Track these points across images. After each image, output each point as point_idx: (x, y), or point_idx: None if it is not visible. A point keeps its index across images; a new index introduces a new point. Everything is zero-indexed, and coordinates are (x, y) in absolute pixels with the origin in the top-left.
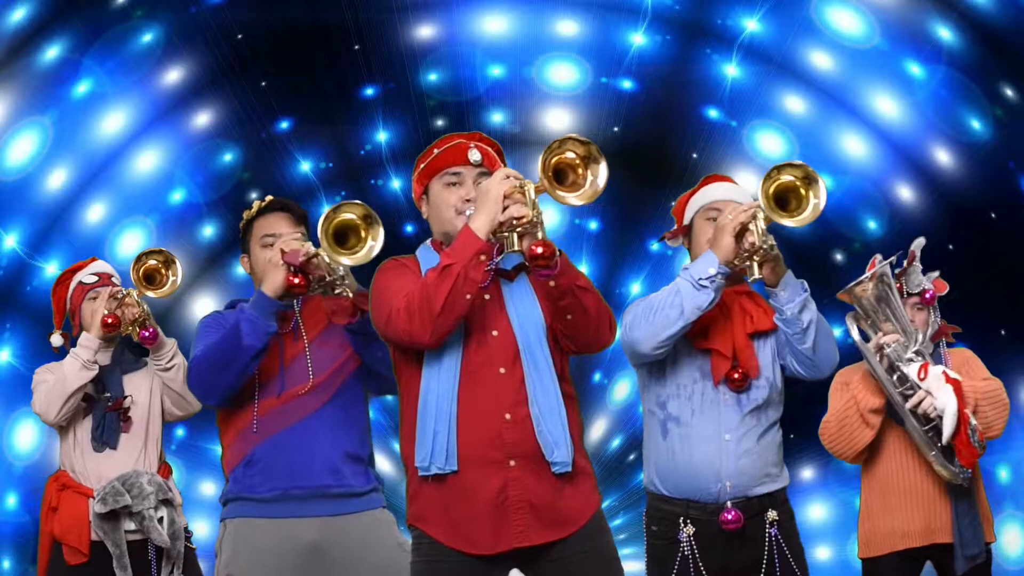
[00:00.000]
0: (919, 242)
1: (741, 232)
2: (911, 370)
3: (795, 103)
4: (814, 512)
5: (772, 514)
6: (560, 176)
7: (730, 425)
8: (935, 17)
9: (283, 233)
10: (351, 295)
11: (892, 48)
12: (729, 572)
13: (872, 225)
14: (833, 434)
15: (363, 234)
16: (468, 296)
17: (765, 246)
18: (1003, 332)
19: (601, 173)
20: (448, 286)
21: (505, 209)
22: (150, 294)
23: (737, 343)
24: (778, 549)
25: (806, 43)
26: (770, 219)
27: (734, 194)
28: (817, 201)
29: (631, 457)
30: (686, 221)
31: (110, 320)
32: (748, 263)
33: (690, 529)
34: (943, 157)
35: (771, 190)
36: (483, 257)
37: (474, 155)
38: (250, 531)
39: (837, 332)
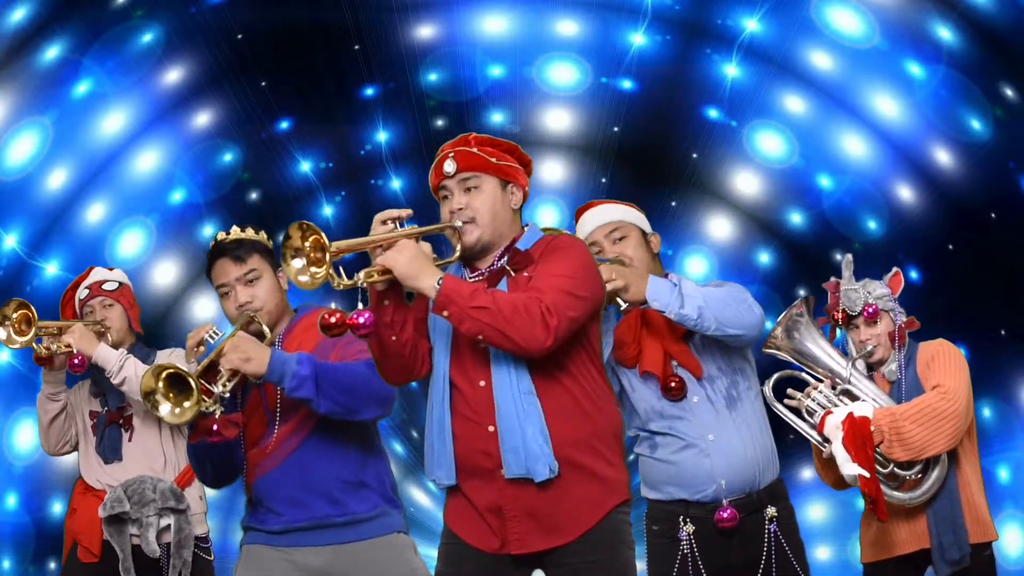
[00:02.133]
0: (847, 260)
1: None
2: (817, 416)
3: (795, 103)
4: (814, 512)
5: (771, 511)
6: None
7: (709, 426)
8: (935, 17)
9: (229, 279)
10: (216, 415)
11: (892, 48)
12: (729, 570)
13: (872, 225)
14: (817, 470)
15: (189, 387)
16: (392, 338)
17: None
18: (1003, 332)
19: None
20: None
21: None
22: (25, 338)
23: (672, 350)
24: (777, 546)
25: (806, 43)
26: None
27: (598, 216)
28: None
29: (631, 457)
30: None
31: (43, 356)
32: (614, 301)
33: (690, 528)
34: (943, 157)
35: None
36: (386, 302)
37: (448, 167)
38: (260, 558)
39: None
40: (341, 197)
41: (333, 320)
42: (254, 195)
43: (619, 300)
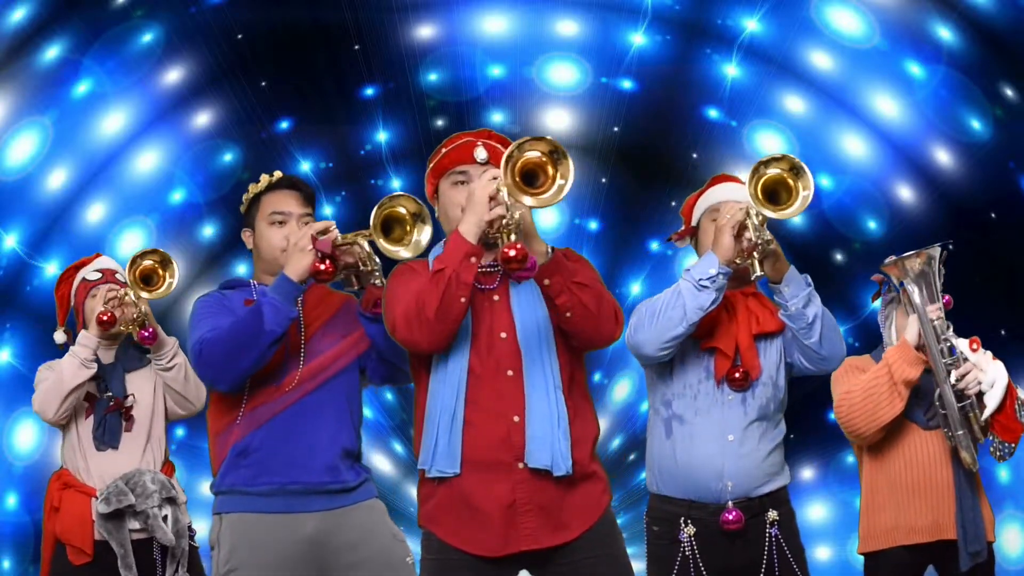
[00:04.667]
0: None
1: (740, 231)
2: (961, 343)
3: (795, 103)
4: (814, 512)
5: (773, 514)
6: (530, 178)
7: (733, 426)
8: (935, 17)
9: (292, 211)
10: (382, 284)
11: (892, 48)
12: (730, 572)
13: (872, 225)
14: (856, 405)
15: (408, 229)
16: (462, 299)
17: (761, 242)
18: (1003, 332)
19: (569, 172)
20: (441, 290)
21: (492, 210)
22: (145, 295)
23: (741, 343)
24: (778, 549)
25: (806, 43)
26: (764, 215)
27: (741, 194)
28: (807, 192)
29: (631, 457)
30: (694, 222)
31: (105, 317)
32: (749, 261)
33: (691, 529)
34: (943, 157)
35: (759, 185)
36: (473, 259)
37: (480, 153)
38: (248, 526)
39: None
40: (341, 197)
41: (513, 253)
42: None
43: (756, 267)
